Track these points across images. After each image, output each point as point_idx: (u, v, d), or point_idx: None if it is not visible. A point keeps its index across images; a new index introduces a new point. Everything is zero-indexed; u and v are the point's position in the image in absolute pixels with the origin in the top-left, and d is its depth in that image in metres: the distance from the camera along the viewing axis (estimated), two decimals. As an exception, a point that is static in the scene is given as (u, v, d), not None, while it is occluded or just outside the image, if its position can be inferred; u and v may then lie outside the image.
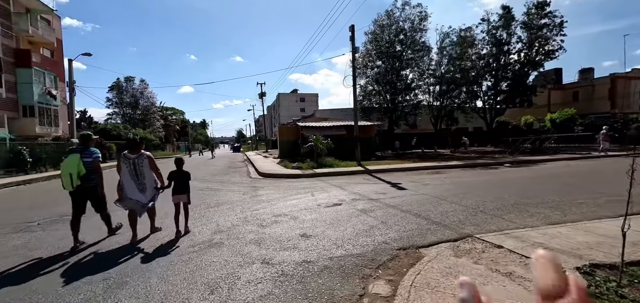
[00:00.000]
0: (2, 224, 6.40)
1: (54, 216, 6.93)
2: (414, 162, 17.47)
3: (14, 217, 7.03)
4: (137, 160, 5.05)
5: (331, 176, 13.27)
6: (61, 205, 8.14)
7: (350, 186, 10.08)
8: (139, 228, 5.15)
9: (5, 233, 5.77)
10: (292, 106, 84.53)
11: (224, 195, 9.14)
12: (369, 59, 29.14)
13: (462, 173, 12.94)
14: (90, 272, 3.86)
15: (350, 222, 5.72)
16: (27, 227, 6.09)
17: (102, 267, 3.98)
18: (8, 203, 9.23)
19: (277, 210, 7.02)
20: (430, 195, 8.14)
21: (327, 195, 8.57)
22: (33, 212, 7.54)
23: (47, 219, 6.73)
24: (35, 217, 6.94)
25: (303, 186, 10.60)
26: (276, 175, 13.70)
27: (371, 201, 7.57)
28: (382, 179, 11.72)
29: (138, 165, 5.05)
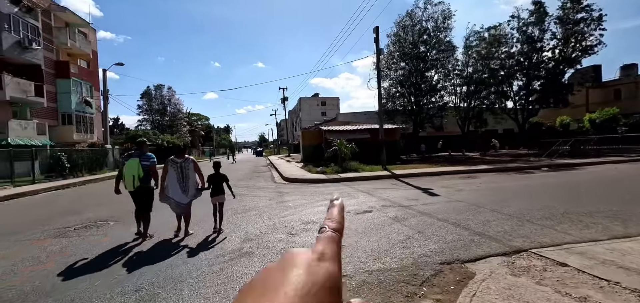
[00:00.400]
0: (42, 229, 6.61)
1: (89, 222, 7.10)
2: (442, 166, 16.76)
3: (53, 221, 7.27)
4: (184, 164, 5.57)
5: (357, 181, 12.94)
6: (95, 210, 8.37)
7: (378, 192, 9.72)
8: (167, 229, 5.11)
9: (44, 237, 5.93)
10: (313, 110, 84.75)
11: (251, 201, 9.06)
12: (392, 61, 28.55)
13: (496, 178, 12.21)
14: (123, 281, 3.80)
15: (383, 231, 5.41)
16: (64, 232, 6.24)
17: (135, 276, 3.91)
18: (48, 207, 9.64)
19: (305, 216, 6.81)
20: (466, 201, 7.64)
21: (356, 202, 8.27)
22: (70, 217, 7.78)
23: (82, 224, 6.90)
24: (72, 222, 7.13)
25: (329, 191, 10.35)
26: (301, 180, 13.55)
27: (403, 208, 7.20)
28: (411, 184, 11.26)
29: (184, 168, 5.56)
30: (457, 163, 18.88)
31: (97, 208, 8.83)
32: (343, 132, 20.75)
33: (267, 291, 0.28)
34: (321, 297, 0.28)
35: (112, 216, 7.50)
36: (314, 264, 0.31)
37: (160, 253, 4.77)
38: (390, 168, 16.07)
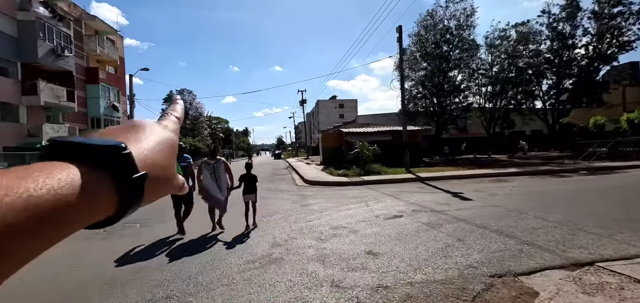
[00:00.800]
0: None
1: (116, 227, 7.13)
2: (469, 169, 16.07)
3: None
4: (216, 165, 6.03)
5: (380, 184, 12.57)
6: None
7: (405, 196, 9.33)
8: (199, 228, 5.00)
9: (70, 240, 5.98)
10: (331, 113, 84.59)
11: (274, 204, 8.91)
12: (414, 62, 27.88)
13: (530, 181, 11.50)
14: (154, 287, 3.69)
15: (419, 238, 5.07)
16: (90, 235, 6.29)
17: (165, 282, 3.80)
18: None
19: (332, 221, 6.56)
20: (504, 206, 7.14)
21: (383, 206, 7.94)
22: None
23: (112, 227, 6.93)
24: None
25: (353, 194, 10.06)
26: (323, 183, 13.32)
27: (435, 213, 6.81)
28: (439, 187, 10.78)
29: (216, 169, 6.01)
30: (485, 165, 18.07)
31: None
32: (364, 134, 20.38)
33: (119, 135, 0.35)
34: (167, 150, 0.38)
35: (142, 218, 7.52)
36: (159, 128, 0.40)
37: (189, 257, 4.66)
38: (414, 171, 15.57)
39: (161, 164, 0.36)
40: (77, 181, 0.27)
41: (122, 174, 0.30)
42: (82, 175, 0.28)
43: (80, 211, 0.27)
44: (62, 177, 0.26)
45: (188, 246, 5.22)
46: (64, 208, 0.25)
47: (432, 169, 16.82)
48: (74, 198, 0.26)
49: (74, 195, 0.26)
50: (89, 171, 0.28)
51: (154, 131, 0.39)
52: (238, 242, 5.31)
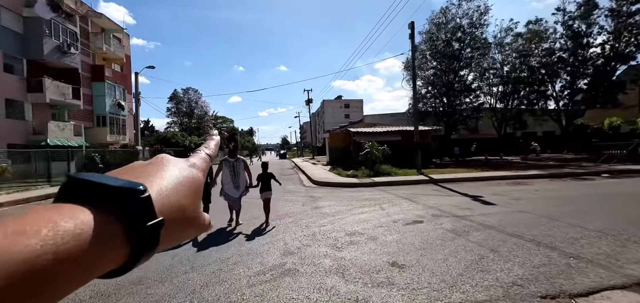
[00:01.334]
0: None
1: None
2: (483, 170, 15.47)
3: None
4: (236, 163, 6.35)
5: (393, 186, 12.05)
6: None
7: (421, 198, 8.82)
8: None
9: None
10: (336, 113, 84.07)
11: (283, 206, 8.46)
12: (423, 60, 27.25)
13: (551, 185, 10.90)
14: (159, 296, 3.24)
15: (446, 247, 4.57)
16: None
17: (166, 295, 3.35)
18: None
19: (347, 226, 6.09)
20: (532, 212, 6.60)
21: (399, 209, 7.44)
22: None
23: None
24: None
25: (365, 197, 9.57)
26: (332, 184, 12.84)
27: (458, 218, 6.30)
28: (455, 190, 10.23)
29: (236, 167, 6.31)
30: (498, 167, 17.44)
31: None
32: (373, 134, 19.87)
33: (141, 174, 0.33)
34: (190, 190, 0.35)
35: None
36: (185, 166, 0.38)
37: (194, 266, 4.22)
38: (425, 172, 15.02)
39: (183, 206, 0.33)
40: (85, 233, 0.25)
41: (135, 221, 0.28)
42: (91, 224, 0.26)
43: (87, 265, 0.25)
44: (67, 228, 0.24)
45: (193, 252, 4.78)
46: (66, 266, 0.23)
47: (444, 170, 16.25)
48: (79, 253, 0.24)
49: (78, 250, 0.24)
50: (100, 219, 0.26)
51: (178, 169, 0.36)
52: (247, 247, 4.87)
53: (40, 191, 13.14)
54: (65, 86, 22.44)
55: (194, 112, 49.88)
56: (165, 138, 35.21)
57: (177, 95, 49.62)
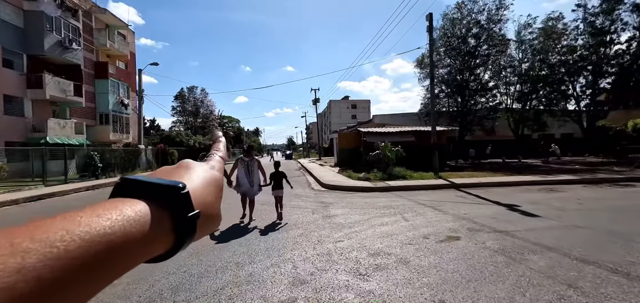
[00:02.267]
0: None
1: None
2: (505, 175, 14.28)
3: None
4: (250, 162, 6.63)
5: (410, 190, 10.98)
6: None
7: (447, 207, 7.74)
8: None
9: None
10: (343, 113, 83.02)
11: (290, 214, 7.46)
12: (437, 58, 26.00)
13: (589, 192, 9.71)
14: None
15: (505, 279, 3.51)
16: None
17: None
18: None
19: (367, 241, 5.06)
20: (590, 227, 5.48)
21: (426, 221, 6.37)
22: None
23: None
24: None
25: (382, 203, 8.52)
26: (343, 188, 11.81)
27: (501, 235, 5.22)
28: (483, 197, 9.12)
29: (250, 165, 6.60)
30: (520, 171, 16.22)
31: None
32: (385, 134, 18.78)
33: (175, 175, 0.39)
34: (214, 189, 0.41)
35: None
36: (208, 169, 0.44)
37: (176, 301, 3.23)
38: (443, 176, 13.91)
39: (209, 202, 0.39)
40: (144, 219, 0.31)
41: (179, 212, 0.34)
42: (148, 213, 0.31)
43: (144, 246, 0.30)
44: (131, 215, 0.30)
45: (179, 277, 3.80)
46: (131, 244, 0.29)
47: (462, 174, 15.10)
48: (141, 235, 0.30)
49: (140, 233, 0.30)
50: (153, 209, 0.32)
51: (203, 171, 0.42)
52: (247, 271, 3.87)
53: (33, 192, 12.38)
54: (66, 83, 21.82)
55: (200, 111, 49.24)
56: (169, 137, 34.55)
57: (182, 94, 49.06)
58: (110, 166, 19.03)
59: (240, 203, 6.80)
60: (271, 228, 6.13)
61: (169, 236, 0.33)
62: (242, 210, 6.75)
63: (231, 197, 7.25)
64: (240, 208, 6.79)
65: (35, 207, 9.89)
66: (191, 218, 0.34)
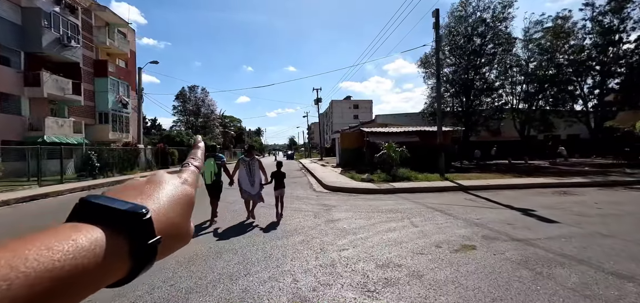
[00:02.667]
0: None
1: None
2: (514, 177, 13.82)
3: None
4: (251, 162, 6.75)
5: (416, 193, 10.54)
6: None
7: (457, 211, 7.30)
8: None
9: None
10: (345, 113, 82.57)
11: (291, 217, 7.04)
12: (442, 57, 25.51)
13: (605, 195, 9.24)
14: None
15: (536, 298, 3.08)
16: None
17: None
18: (56, 214, 8.29)
19: (375, 250, 4.64)
20: (617, 236, 5.03)
21: (436, 227, 5.94)
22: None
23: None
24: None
25: (387, 207, 8.10)
26: (346, 189, 11.38)
27: (521, 244, 4.78)
28: (493, 200, 8.68)
29: (251, 165, 6.71)
30: (528, 173, 15.73)
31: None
32: (388, 134, 18.35)
33: (141, 193, 0.37)
34: (183, 207, 0.39)
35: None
36: (179, 183, 0.42)
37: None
38: (449, 177, 13.46)
39: (177, 223, 0.38)
40: (98, 249, 0.29)
41: (139, 240, 0.32)
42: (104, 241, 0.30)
43: (98, 276, 0.29)
44: (85, 244, 0.29)
45: (164, 294, 3.40)
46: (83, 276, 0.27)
47: (469, 175, 14.65)
48: (94, 266, 0.28)
49: (94, 263, 0.28)
50: (110, 237, 0.31)
51: (173, 187, 0.40)
52: (241, 286, 3.45)
53: (26, 192, 12.02)
54: (64, 81, 21.50)
55: (201, 110, 48.89)
56: (169, 136, 34.22)
57: (183, 93, 48.74)
58: (108, 166, 18.68)
59: (244, 205, 6.97)
60: (270, 233, 5.72)
61: (125, 264, 0.31)
62: (246, 212, 6.87)
63: (232, 195, 7.63)
64: (236, 209, 7.05)
65: (27, 208, 9.53)
66: (152, 244, 0.33)
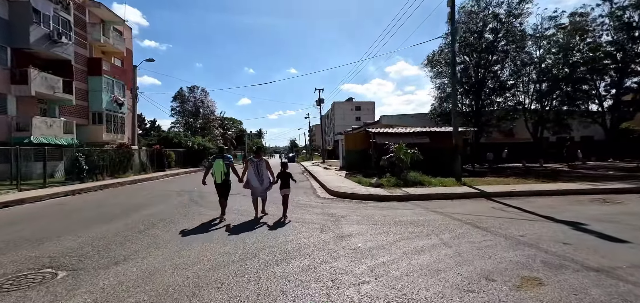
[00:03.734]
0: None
1: (56, 260, 4.24)
2: (537, 182, 12.61)
3: (15, 257, 4.54)
4: (259, 162, 7.21)
5: (433, 200, 9.34)
6: (79, 235, 5.54)
7: (490, 224, 6.09)
8: None
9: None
10: (347, 115, 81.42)
11: (292, 231, 5.86)
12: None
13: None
14: None
15: None
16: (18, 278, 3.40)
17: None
18: (33, 223, 7.10)
19: (404, 283, 3.44)
20: None
21: (474, 246, 4.72)
22: (40, 248, 5.04)
23: (42, 267, 4.05)
24: (44, 257, 4.34)
25: (405, 217, 6.90)
26: (354, 196, 10.18)
27: (600, 275, 3.57)
28: (526, 210, 7.46)
29: (259, 166, 7.18)
30: (549, 177, 14.51)
31: (82, 233, 6.09)
32: (396, 135, 17.14)
33: None
34: None
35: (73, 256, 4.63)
36: None
37: None
38: (467, 182, 12.24)
39: None
40: None
41: None
42: None
43: None
44: None
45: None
46: None
47: (487, 180, 13.42)
48: None
49: None
50: None
51: None
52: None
53: (2, 197, 10.88)
54: (54, 79, 20.44)
55: (200, 111, 47.77)
56: (167, 138, 33.12)
57: (182, 93, 47.66)
58: (98, 169, 17.55)
59: (252, 205, 7.27)
60: (266, 252, 4.53)
61: None
62: (254, 211, 7.23)
63: (235, 191, 7.51)
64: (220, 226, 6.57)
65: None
66: None
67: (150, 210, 8.48)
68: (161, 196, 11.50)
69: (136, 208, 8.87)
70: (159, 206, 9.11)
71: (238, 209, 8.13)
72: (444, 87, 25.33)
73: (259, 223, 6.58)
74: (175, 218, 7.39)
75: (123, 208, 8.87)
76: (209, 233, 5.89)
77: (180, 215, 7.76)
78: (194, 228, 6.30)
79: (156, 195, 12.19)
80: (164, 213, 8.06)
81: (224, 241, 5.29)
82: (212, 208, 8.53)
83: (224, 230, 6.08)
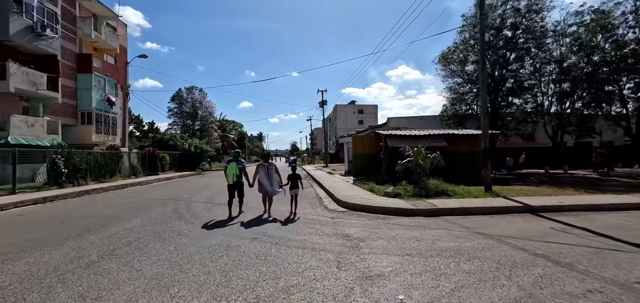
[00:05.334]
0: None
1: None
2: (579, 192, 10.89)
3: None
4: (269, 166, 7.97)
5: (466, 215, 7.65)
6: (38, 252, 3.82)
7: (573, 257, 4.40)
8: None
9: None
10: (349, 118, 79.84)
11: (296, 267, 4.16)
12: (465, 52, 22.65)
13: None
14: None
15: None
16: None
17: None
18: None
19: None
20: None
21: (559, 289, 3.02)
22: None
23: None
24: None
25: (445, 243, 5.21)
26: (369, 209, 8.46)
27: None
28: (596, 232, 5.76)
29: (269, 169, 7.92)
30: (586, 185, 12.79)
31: (44, 252, 4.38)
32: (410, 138, 15.44)
33: None
34: None
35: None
36: None
37: None
38: (497, 191, 10.51)
39: None
40: None
41: None
42: None
43: None
44: None
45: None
46: None
47: (519, 190, 11.71)
48: None
49: None
50: None
51: None
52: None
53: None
54: (37, 74, 18.85)
55: (198, 113, 46.16)
56: (162, 140, 31.49)
57: (180, 94, 46.10)
58: (80, 172, 15.88)
59: (262, 201, 7.99)
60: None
61: None
62: (263, 207, 7.94)
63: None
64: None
65: None
66: None
67: (119, 227, 6.79)
68: (141, 207, 9.80)
69: (103, 224, 7.18)
70: (132, 221, 7.41)
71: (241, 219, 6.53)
72: (457, 87, 23.67)
73: (263, 237, 5.86)
74: (144, 240, 5.68)
75: (86, 224, 7.17)
76: (180, 269, 4.17)
77: (153, 235, 6.06)
78: (160, 260, 4.59)
79: (137, 204, 10.51)
80: (134, 232, 6.37)
81: (199, 285, 3.59)
82: (198, 224, 6.86)
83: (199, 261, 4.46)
